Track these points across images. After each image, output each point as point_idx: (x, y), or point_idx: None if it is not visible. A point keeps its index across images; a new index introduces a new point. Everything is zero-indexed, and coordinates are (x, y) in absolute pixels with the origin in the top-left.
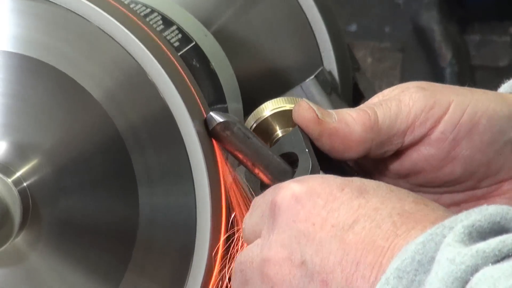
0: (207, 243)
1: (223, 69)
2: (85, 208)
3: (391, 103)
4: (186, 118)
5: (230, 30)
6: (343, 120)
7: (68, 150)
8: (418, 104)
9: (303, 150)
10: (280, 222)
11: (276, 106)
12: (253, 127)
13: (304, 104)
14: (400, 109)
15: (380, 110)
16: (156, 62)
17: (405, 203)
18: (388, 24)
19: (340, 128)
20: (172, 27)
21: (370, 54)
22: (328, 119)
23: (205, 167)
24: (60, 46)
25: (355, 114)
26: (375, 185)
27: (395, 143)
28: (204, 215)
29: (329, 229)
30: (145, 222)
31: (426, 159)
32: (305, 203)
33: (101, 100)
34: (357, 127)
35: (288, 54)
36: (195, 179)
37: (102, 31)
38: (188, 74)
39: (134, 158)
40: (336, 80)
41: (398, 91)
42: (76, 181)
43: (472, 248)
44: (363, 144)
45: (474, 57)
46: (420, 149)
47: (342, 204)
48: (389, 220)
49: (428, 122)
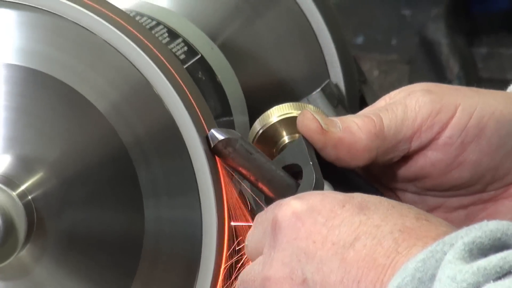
0: (213, 257)
1: (229, 82)
2: (90, 221)
3: (397, 108)
4: (192, 131)
5: (236, 43)
6: (348, 128)
7: (73, 163)
8: (424, 109)
9: (307, 162)
10: (281, 239)
11: (283, 112)
12: (259, 133)
13: (308, 114)
14: (406, 114)
15: (386, 116)
16: (162, 75)
17: (406, 219)
18: (395, 37)
19: (345, 138)
20: (177, 39)
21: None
22: (333, 128)
23: (211, 180)
24: (65, 59)
25: (361, 121)
26: (376, 201)
27: (401, 149)
28: (210, 229)
29: (330, 247)
30: (150, 235)
31: (433, 164)
32: (305, 220)
33: (106, 113)
34: (363, 136)
35: (294, 66)
36: (201, 193)
37: (108, 44)
38: (194, 87)
39: (139, 171)
40: (342, 93)
41: (404, 94)
42: (81, 194)
43: (473, 265)
44: (368, 152)
45: (482, 70)
46: (427, 154)
47: (343, 221)
48: (390, 237)
49: (435, 127)
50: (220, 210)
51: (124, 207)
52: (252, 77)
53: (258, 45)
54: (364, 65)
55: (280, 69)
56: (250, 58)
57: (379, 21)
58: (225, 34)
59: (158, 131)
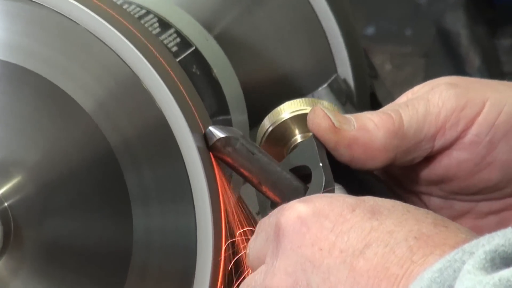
0: (209, 269)
1: (226, 76)
2: (73, 230)
3: (419, 104)
4: (185, 130)
5: (234, 34)
6: (364, 126)
7: (55, 166)
8: (448, 104)
9: (316, 164)
10: (284, 247)
11: (296, 108)
12: (268, 131)
13: (319, 111)
14: (428, 110)
15: (406, 112)
16: (152, 69)
17: (423, 225)
18: (409, 27)
19: (360, 137)
20: (169, 30)
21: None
22: (346, 126)
23: (207, 185)
24: (46, 52)
25: (377, 118)
26: (389, 205)
27: (423, 148)
28: (205, 238)
29: (338, 255)
30: (140, 245)
31: (459, 164)
32: (311, 225)
33: (91, 112)
34: (380, 134)
35: (298, 60)
36: (195, 199)
37: (92, 35)
38: (187, 83)
39: (127, 175)
40: (351, 89)
41: (427, 88)
42: (63, 200)
43: (494, 276)
44: (386, 153)
45: (505, 64)
46: (452, 154)
47: (353, 226)
48: (405, 244)
49: (460, 124)
50: (216, 218)
51: (111, 215)
52: (252, 72)
53: (258, 36)
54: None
55: (283, 63)
56: (250, 50)
57: (392, 9)
58: (221, 24)
59: (148, 131)
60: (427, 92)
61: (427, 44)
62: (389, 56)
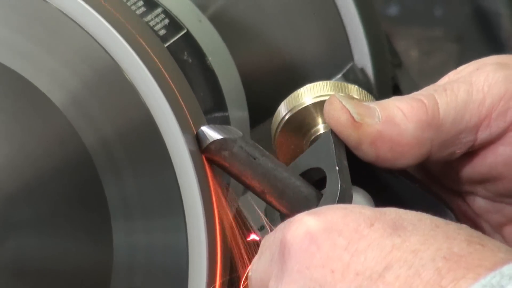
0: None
1: (223, 65)
2: (41, 249)
3: (459, 88)
4: (175, 130)
5: (232, 14)
6: (390, 118)
7: (20, 173)
8: (496, 89)
9: (332, 167)
10: (290, 268)
11: (320, 94)
12: (285, 119)
13: (335, 102)
14: (471, 96)
15: (443, 97)
16: (135, 56)
17: (454, 242)
18: (440, 5)
19: (386, 131)
20: (156, 9)
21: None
22: (369, 119)
23: (200, 196)
24: (8, 35)
25: (407, 107)
26: (415, 219)
27: (464, 142)
28: (199, 257)
29: (353, 278)
30: (121, 266)
31: (507, 162)
32: (322, 243)
33: (63, 106)
34: (410, 126)
35: (307, 45)
36: (186, 211)
37: (64, 15)
38: (177, 73)
39: (106, 183)
40: (370, 80)
41: (472, 68)
42: (30, 213)
43: None
44: (419, 148)
45: None
46: (498, 150)
47: (370, 244)
48: (432, 266)
49: (509, 113)
50: (211, 235)
51: (87, 230)
52: (253, 60)
53: (260, 17)
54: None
55: (289, 49)
56: (250, 34)
57: None
58: (218, 2)
59: (131, 130)
60: (470, 74)
61: (461, 26)
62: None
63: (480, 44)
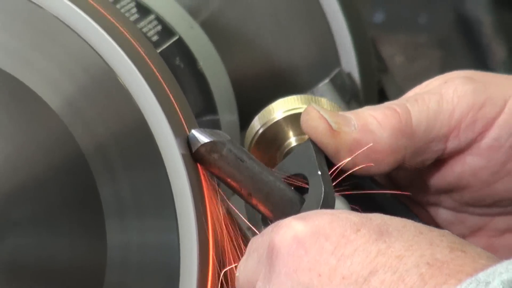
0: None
1: (214, 70)
2: (37, 247)
3: (430, 99)
4: (168, 134)
5: (223, 21)
6: (366, 126)
7: (16, 174)
8: (464, 101)
9: (314, 172)
10: (278, 271)
11: (290, 107)
12: (259, 133)
13: (313, 112)
14: (441, 106)
15: (415, 107)
16: (129, 61)
17: (437, 249)
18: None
19: (362, 139)
20: (149, 16)
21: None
22: (346, 128)
23: (192, 197)
24: (5, 40)
25: (381, 115)
26: (400, 225)
27: (434, 150)
28: (190, 257)
29: (339, 282)
30: (114, 265)
31: (474, 172)
32: (309, 247)
33: (59, 110)
34: (385, 134)
35: (296, 51)
36: (178, 212)
37: (60, 21)
38: (170, 77)
39: (100, 184)
40: (357, 85)
41: (440, 82)
42: (26, 213)
43: None
44: (394, 155)
45: None
46: (466, 159)
47: (357, 249)
48: (416, 271)
49: (477, 125)
50: (202, 235)
51: (82, 230)
52: (243, 65)
53: (250, 24)
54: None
55: (278, 55)
56: (241, 39)
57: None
58: (208, 9)
59: (125, 133)
60: (440, 86)
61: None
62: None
63: (462, 50)
